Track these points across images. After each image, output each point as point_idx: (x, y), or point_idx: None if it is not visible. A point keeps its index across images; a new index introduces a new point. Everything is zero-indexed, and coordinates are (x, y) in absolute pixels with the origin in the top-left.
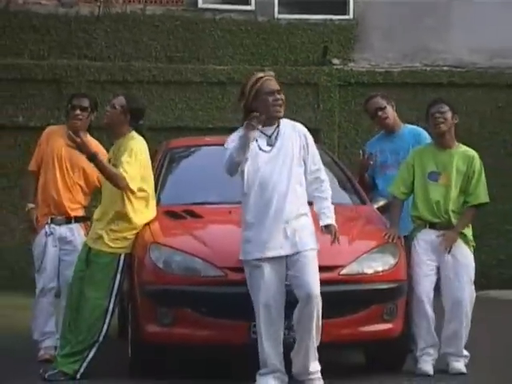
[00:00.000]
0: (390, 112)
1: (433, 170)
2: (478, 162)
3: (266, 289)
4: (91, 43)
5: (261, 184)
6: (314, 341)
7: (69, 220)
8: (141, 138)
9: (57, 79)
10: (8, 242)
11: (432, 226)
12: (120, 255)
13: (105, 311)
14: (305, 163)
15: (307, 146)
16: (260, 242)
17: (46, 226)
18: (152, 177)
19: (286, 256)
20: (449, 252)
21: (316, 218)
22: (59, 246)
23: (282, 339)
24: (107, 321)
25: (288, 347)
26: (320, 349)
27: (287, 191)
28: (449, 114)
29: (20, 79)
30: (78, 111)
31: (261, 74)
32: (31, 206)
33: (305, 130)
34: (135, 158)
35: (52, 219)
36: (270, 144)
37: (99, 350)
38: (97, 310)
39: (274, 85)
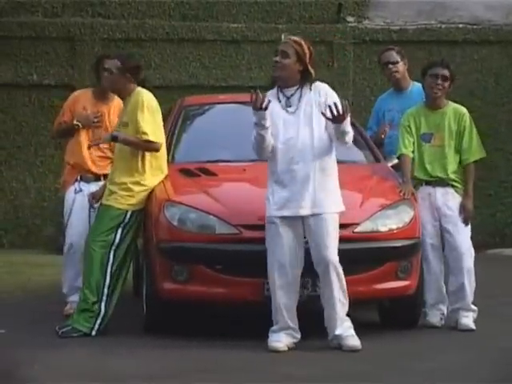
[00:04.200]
0: (401, 68)
1: (425, 131)
2: (468, 118)
3: (280, 247)
4: (105, 1)
5: (284, 145)
6: (338, 304)
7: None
8: (146, 91)
9: (71, 37)
10: (23, 200)
11: (428, 183)
12: (127, 211)
13: (105, 263)
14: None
15: (325, 102)
16: (279, 201)
17: (76, 183)
18: (162, 129)
19: (305, 216)
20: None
21: (342, 182)
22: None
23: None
24: (108, 272)
25: (300, 304)
26: None
27: (311, 152)
28: (447, 83)
29: (34, 37)
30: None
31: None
32: None
33: (324, 87)
34: (147, 110)
35: (81, 177)
36: (289, 105)
37: (110, 306)
38: (99, 263)
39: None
